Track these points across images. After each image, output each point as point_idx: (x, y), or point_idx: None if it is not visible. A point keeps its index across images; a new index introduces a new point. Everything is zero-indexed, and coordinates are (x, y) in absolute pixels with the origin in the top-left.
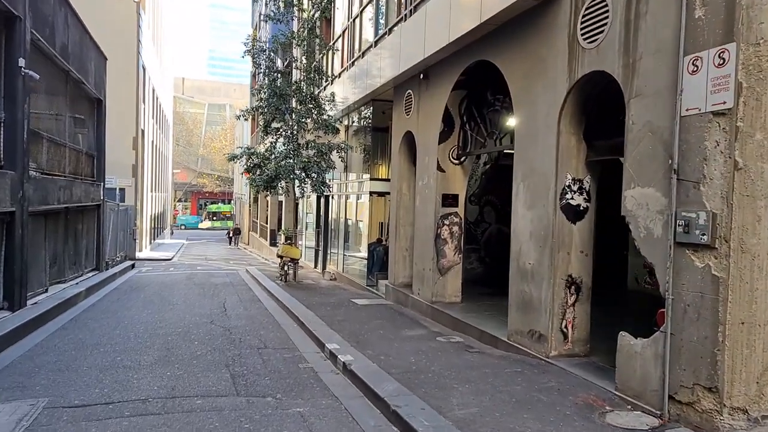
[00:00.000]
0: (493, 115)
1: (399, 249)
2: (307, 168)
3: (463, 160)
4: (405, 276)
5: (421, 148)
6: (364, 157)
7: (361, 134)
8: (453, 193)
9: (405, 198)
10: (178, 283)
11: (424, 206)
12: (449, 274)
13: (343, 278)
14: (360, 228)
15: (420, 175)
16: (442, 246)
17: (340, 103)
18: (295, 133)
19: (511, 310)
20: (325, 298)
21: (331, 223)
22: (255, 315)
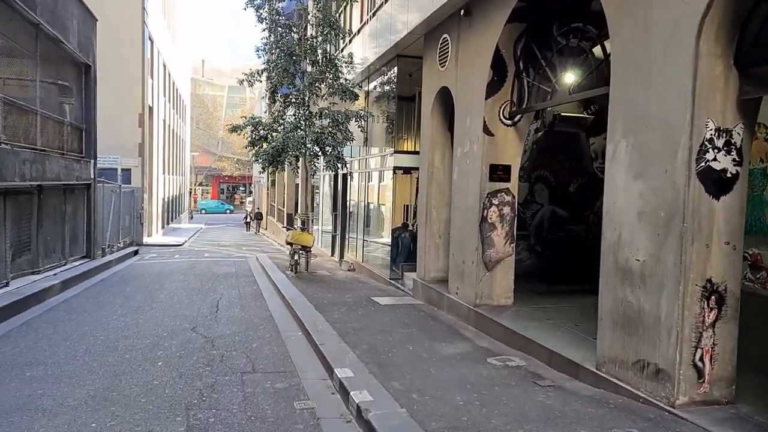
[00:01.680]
0: (562, 57)
1: (430, 236)
2: (321, 140)
3: (518, 120)
4: (438, 269)
5: (460, 107)
6: (387, 127)
7: (383, 101)
8: (504, 164)
9: (438, 172)
10: (176, 274)
11: (464, 181)
12: (498, 269)
13: (362, 269)
14: (382, 211)
15: (459, 141)
16: (488, 232)
17: (359, 64)
18: (307, 99)
19: (603, 327)
20: (340, 295)
21: (349, 205)
22: (251, 318)
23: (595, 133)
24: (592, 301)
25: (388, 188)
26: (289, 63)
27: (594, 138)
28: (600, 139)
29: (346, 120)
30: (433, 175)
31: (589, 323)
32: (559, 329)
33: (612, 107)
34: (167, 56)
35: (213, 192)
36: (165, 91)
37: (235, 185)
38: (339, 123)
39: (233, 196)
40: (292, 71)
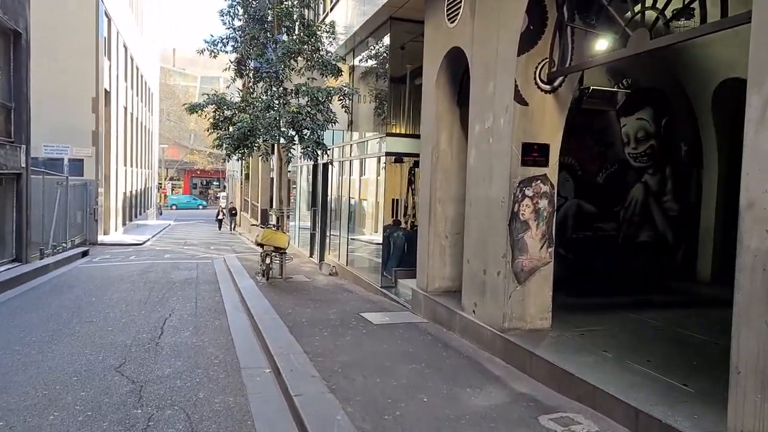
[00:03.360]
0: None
1: (434, 237)
2: (297, 122)
3: (559, 84)
4: (444, 278)
5: (479, 70)
6: (375, 108)
7: (371, 78)
8: (540, 143)
9: (445, 157)
10: (123, 281)
11: (485, 166)
12: (532, 282)
13: (346, 273)
14: (370, 206)
15: (477, 114)
16: (520, 233)
17: (342, 35)
18: (281, 74)
19: (740, 385)
20: (321, 310)
21: (330, 199)
22: (205, 346)
23: (627, 112)
24: (641, 319)
25: (377, 179)
26: (260, 30)
27: (626, 118)
28: (632, 120)
29: (328, 98)
30: (439, 160)
31: (663, 357)
32: (626, 367)
33: (759, 41)
34: (130, 38)
35: (185, 187)
36: (127, 76)
37: (209, 180)
38: (319, 102)
39: (207, 191)
40: (262, 40)
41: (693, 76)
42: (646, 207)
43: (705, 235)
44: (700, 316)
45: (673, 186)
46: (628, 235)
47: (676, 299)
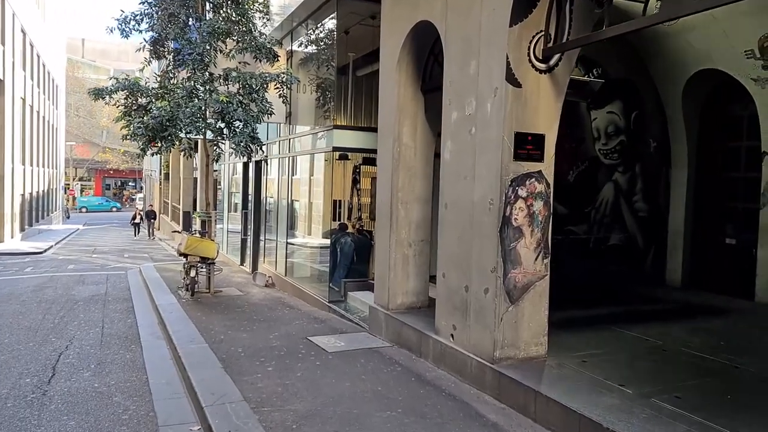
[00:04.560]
0: None
1: (397, 244)
2: (227, 112)
3: (557, 62)
4: (408, 292)
5: (457, 46)
6: (318, 99)
7: (311, 65)
8: (535, 133)
9: (407, 152)
10: (11, 300)
11: (467, 160)
12: (526, 300)
13: (286, 285)
14: (311, 207)
15: (455, 99)
16: (513, 242)
17: (277, 15)
18: (206, 56)
19: None
20: (260, 333)
21: (265, 200)
22: (111, 394)
23: (597, 105)
24: (636, 337)
25: (319, 177)
26: (180, 6)
27: (596, 111)
28: (603, 114)
29: (263, 87)
30: (401, 156)
31: (690, 390)
32: (657, 407)
33: None
34: (29, 23)
35: (96, 188)
36: (25, 64)
37: (124, 180)
38: (253, 90)
39: (121, 193)
40: (183, 17)
41: (663, 66)
42: (616, 208)
43: (675, 237)
44: (694, 330)
45: (643, 185)
46: (599, 238)
47: (658, 308)
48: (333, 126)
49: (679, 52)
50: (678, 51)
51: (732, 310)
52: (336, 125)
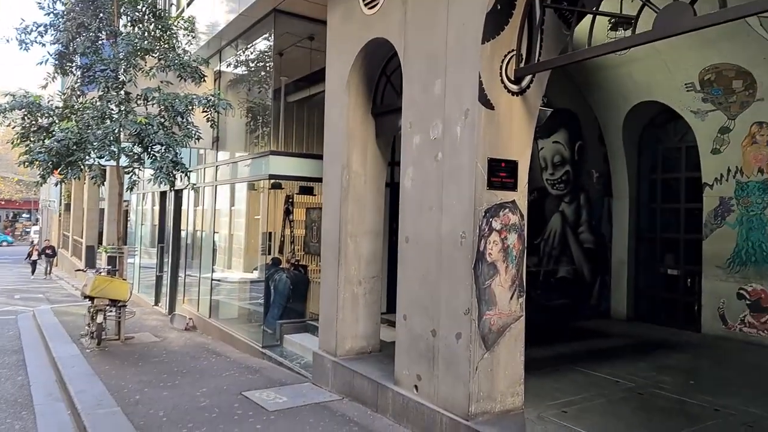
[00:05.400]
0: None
1: (345, 282)
2: (146, 136)
3: (528, 84)
4: (357, 336)
5: (419, 65)
6: (248, 124)
7: (243, 87)
8: (510, 159)
9: (358, 181)
10: None
11: (432, 189)
12: (502, 345)
13: (210, 328)
14: (240, 240)
15: (417, 122)
16: (487, 280)
17: (204, 33)
18: (124, 74)
19: None
20: (185, 390)
21: (186, 233)
22: None
23: (543, 134)
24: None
25: (251, 207)
26: (92, 17)
27: (543, 141)
28: (549, 143)
29: (188, 109)
30: (350, 184)
31: None
32: None
33: None
34: None
35: None
36: None
37: (17, 212)
38: (178, 113)
39: (14, 225)
40: (95, 30)
41: (604, 98)
42: (564, 239)
43: (619, 269)
44: (660, 369)
45: (588, 216)
46: (548, 270)
47: (614, 344)
48: (269, 152)
49: (619, 84)
50: (619, 83)
51: (684, 344)
52: (273, 151)
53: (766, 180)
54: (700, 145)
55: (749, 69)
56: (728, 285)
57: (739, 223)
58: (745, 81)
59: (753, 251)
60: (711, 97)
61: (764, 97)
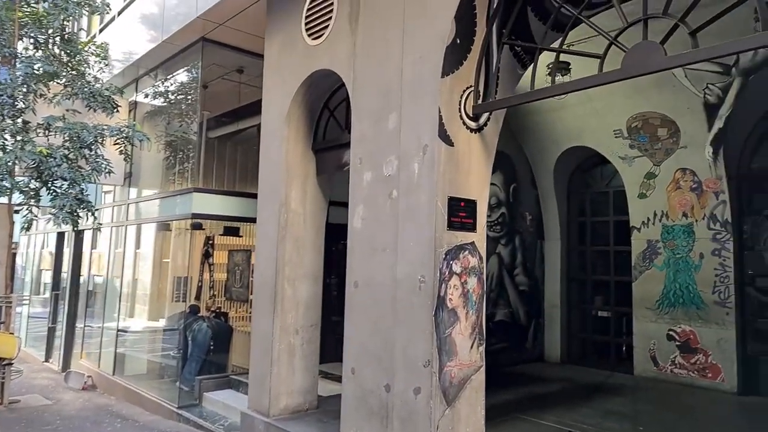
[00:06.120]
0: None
1: (282, 332)
2: (45, 169)
3: (485, 122)
4: (293, 392)
5: (371, 98)
6: (167, 159)
7: (161, 119)
8: (469, 198)
9: (297, 220)
10: None
11: (386, 229)
12: (463, 399)
13: (115, 387)
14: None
15: (369, 158)
16: (449, 327)
17: (119, 61)
18: (23, 101)
19: None
20: None
21: (88, 278)
22: None
23: None
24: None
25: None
26: None
27: None
28: None
29: (97, 140)
30: (288, 224)
31: None
32: None
33: None
34: None
35: None
36: None
37: None
38: (85, 145)
39: None
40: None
41: (536, 142)
42: (501, 281)
43: (552, 311)
44: (605, 414)
45: (522, 258)
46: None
47: (554, 389)
48: (193, 189)
49: (552, 128)
50: (551, 128)
51: (620, 387)
52: (196, 188)
53: (690, 224)
54: (628, 190)
55: (674, 118)
56: (658, 326)
57: (666, 266)
58: (669, 129)
59: (681, 293)
60: (638, 143)
61: (687, 145)
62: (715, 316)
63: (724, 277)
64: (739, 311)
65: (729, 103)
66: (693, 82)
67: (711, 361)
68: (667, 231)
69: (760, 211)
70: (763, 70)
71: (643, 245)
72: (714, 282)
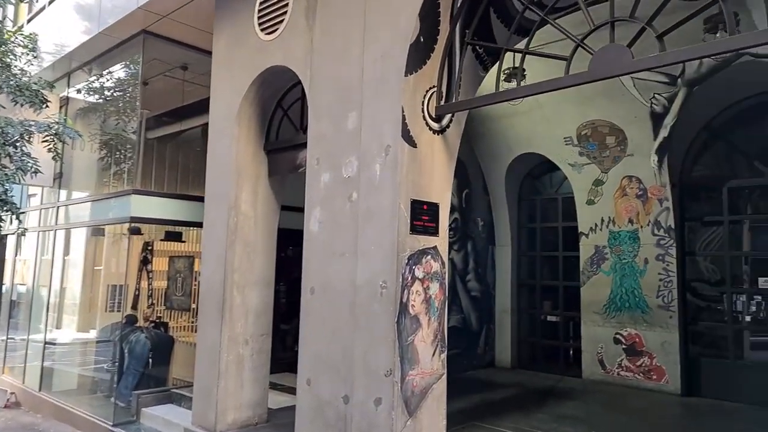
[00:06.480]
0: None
1: (230, 342)
2: None
3: (448, 124)
4: (242, 405)
5: (329, 95)
6: (103, 159)
7: (96, 116)
8: (432, 202)
9: (247, 223)
10: None
11: (345, 232)
12: (425, 408)
13: (42, 404)
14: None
15: (327, 158)
16: (411, 334)
17: (51, 54)
18: None
19: None
20: None
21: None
22: None
23: None
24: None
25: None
26: None
27: None
28: None
29: (23, 137)
30: (238, 227)
31: None
32: None
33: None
34: None
35: None
36: None
37: None
38: (9, 142)
39: None
40: None
41: (488, 148)
42: (454, 287)
43: (502, 317)
44: (560, 419)
45: (475, 264)
46: None
47: (508, 395)
48: (132, 191)
49: (504, 135)
50: (504, 134)
51: (570, 390)
52: (136, 190)
53: (636, 230)
54: (577, 196)
55: (621, 126)
56: (605, 330)
57: (613, 270)
58: (617, 137)
59: (627, 297)
60: (587, 151)
61: (634, 153)
62: (660, 319)
63: (667, 281)
64: (681, 314)
65: (674, 113)
66: (641, 92)
67: (656, 363)
68: (613, 237)
69: (700, 218)
70: (707, 82)
71: (590, 251)
72: (658, 286)
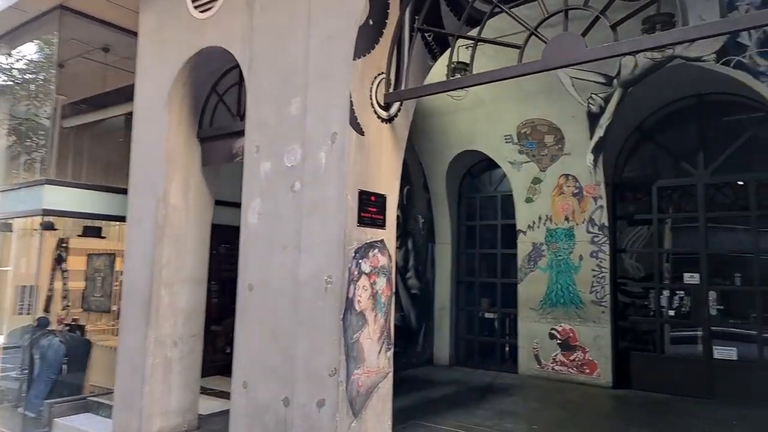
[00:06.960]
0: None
1: (156, 344)
2: None
3: (396, 113)
4: (171, 412)
5: (270, 79)
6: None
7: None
8: (379, 193)
9: (177, 216)
10: None
11: (288, 225)
12: (369, 409)
13: None
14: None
15: (268, 146)
16: (357, 331)
17: None
18: None
19: None
20: None
21: None
22: None
23: None
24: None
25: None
26: None
27: None
28: None
29: None
30: (167, 220)
31: None
32: None
33: None
34: None
35: None
36: None
37: None
38: None
39: None
40: None
41: (431, 145)
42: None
43: (441, 314)
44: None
45: (415, 261)
46: None
47: (447, 392)
48: (45, 180)
49: (446, 132)
50: (445, 131)
51: (508, 386)
52: (49, 180)
53: (572, 227)
54: (515, 194)
55: (559, 125)
56: (541, 326)
57: (549, 267)
58: (555, 136)
59: (562, 293)
60: (526, 149)
61: (571, 152)
62: (593, 314)
63: (600, 277)
64: (612, 309)
65: (609, 113)
66: (578, 91)
67: (588, 357)
68: (550, 234)
69: (631, 216)
70: (641, 83)
71: (528, 248)
72: (591, 282)
